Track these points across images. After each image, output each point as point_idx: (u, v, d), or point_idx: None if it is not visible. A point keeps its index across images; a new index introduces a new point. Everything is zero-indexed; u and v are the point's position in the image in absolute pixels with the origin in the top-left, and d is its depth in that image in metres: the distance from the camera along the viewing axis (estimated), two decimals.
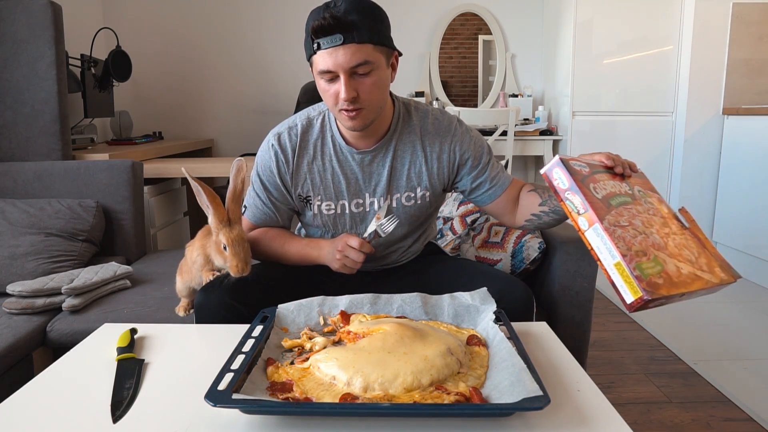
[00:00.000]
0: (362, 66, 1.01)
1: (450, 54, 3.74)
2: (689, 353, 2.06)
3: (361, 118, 1.07)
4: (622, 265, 0.75)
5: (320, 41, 1.00)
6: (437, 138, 1.19)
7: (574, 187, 0.84)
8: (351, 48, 0.99)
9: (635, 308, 0.74)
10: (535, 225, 1.17)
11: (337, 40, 0.99)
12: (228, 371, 0.72)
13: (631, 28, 3.20)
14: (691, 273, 0.79)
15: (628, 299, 0.74)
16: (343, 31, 0.98)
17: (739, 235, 2.99)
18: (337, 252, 1.11)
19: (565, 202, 0.85)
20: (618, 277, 0.75)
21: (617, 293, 0.76)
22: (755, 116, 2.89)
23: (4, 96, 2.02)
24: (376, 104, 1.08)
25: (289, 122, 1.21)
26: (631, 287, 0.74)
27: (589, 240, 0.80)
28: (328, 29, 0.98)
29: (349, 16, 0.98)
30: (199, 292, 1.10)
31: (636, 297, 0.73)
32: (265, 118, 3.65)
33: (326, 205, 1.20)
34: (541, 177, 0.91)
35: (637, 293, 0.73)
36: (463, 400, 0.69)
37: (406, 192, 1.20)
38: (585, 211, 0.81)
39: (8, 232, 1.67)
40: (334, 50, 0.99)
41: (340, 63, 1.00)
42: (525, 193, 1.19)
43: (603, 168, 0.93)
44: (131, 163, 1.94)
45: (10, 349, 1.27)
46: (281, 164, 1.18)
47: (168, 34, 3.58)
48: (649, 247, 0.79)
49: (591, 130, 3.28)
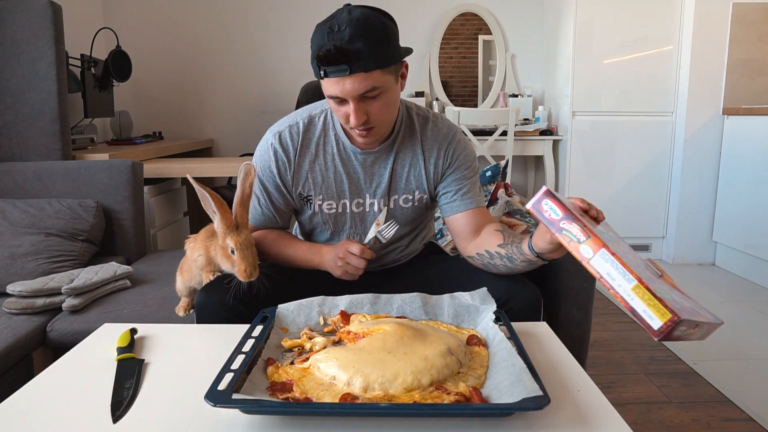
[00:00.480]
0: (371, 91, 1.01)
1: (450, 54, 3.74)
2: (689, 353, 2.06)
3: (373, 135, 1.09)
4: (642, 288, 0.68)
5: (325, 69, 0.98)
6: (435, 144, 1.19)
7: (569, 216, 0.79)
8: (358, 77, 0.98)
9: (664, 334, 0.66)
10: (484, 263, 1.12)
11: (344, 70, 0.97)
12: (228, 371, 0.72)
13: (631, 28, 3.20)
14: (688, 306, 0.72)
15: (655, 325, 0.66)
16: (348, 62, 0.96)
17: (739, 235, 2.99)
18: (338, 259, 1.11)
19: (562, 233, 0.79)
20: (638, 302, 0.68)
21: (639, 321, 0.68)
22: (755, 116, 2.89)
23: (4, 96, 2.02)
24: (388, 122, 1.10)
25: (289, 120, 1.19)
26: (656, 310, 0.66)
27: (597, 268, 0.74)
28: (334, 60, 0.96)
29: (354, 44, 0.95)
30: (200, 292, 1.10)
31: (665, 319, 0.65)
32: (265, 118, 3.65)
33: (327, 204, 1.20)
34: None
35: (666, 315, 0.65)
36: (463, 400, 0.69)
37: (404, 194, 1.20)
38: (587, 238, 0.75)
39: (8, 232, 1.67)
40: (340, 80, 0.98)
41: (347, 91, 0.99)
42: (491, 229, 1.14)
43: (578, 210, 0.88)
44: (131, 163, 1.94)
45: (10, 349, 1.27)
46: (281, 163, 1.18)
47: (168, 34, 3.58)
48: (652, 277, 0.73)
49: (591, 130, 3.28)
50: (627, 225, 3.31)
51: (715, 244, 3.23)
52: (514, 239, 1.06)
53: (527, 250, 1.01)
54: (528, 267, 1.06)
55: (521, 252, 1.03)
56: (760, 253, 2.83)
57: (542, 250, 0.98)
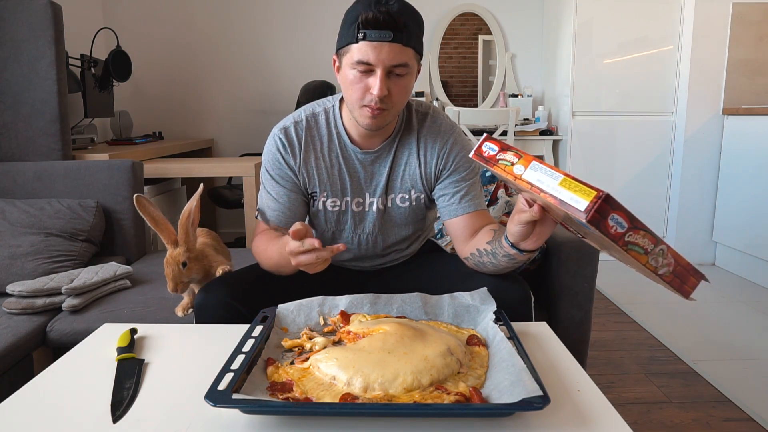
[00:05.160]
0: (401, 67, 1.02)
1: (450, 54, 3.74)
2: (689, 353, 2.06)
3: (381, 118, 1.07)
4: (569, 179, 0.67)
5: (367, 32, 1.00)
6: (431, 142, 1.18)
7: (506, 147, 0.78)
8: (397, 47, 1.01)
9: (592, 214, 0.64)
10: (475, 262, 1.10)
11: (386, 36, 0.99)
12: (228, 371, 0.72)
13: (631, 28, 3.20)
14: None
15: (581, 206, 0.64)
16: (394, 29, 1.00)
17: (739, 235, 2.99)
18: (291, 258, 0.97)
19: (498, 164, 0.78)
20: (566, 193, 0.67)
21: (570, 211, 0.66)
22: (755, 116, 2.89)
23: (4, 96, 2.02)
24: (399, 107, 1.10)
25: (294, 116, 1.19)
26: (582, 192, 0.65)
27: (528, 179, 0.73)
28: (381, 24, 0.99)
29: (402, 17, 1.00)
30: (199, 292, 1.10)
31: (591, 197, 0.64)
32: (265, 118, 3.65)
33: (331, 202, 1.20)
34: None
35: (591, 193, 0.64)
36: (463, 400, 0.69)
37: (400, 193, 1.20)
38: (519, 159, 0.75)
39: (8, 232, 1.67)
40: (380, 44, 1.00)
41: (383, 58, 1.01)
42: (486, 229, 1.12)
43: None
44: (131, 163, 1.94)
45: (10, 349, 1.27)
46: (289, 157, 1.17)
47: (168, 34, 3.58)
48: None
49: (591, 130, 3.28)
50: None
51: (715, 244, 3.23)
52: (502, 232, 1.05)
53: (504, 242, 0.99)
54: (510, 263, 1.03)
55: (501, 246, 1.01)
56: (760, 253, 2.83)
57: (515, 235, 0.95)
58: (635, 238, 0.67)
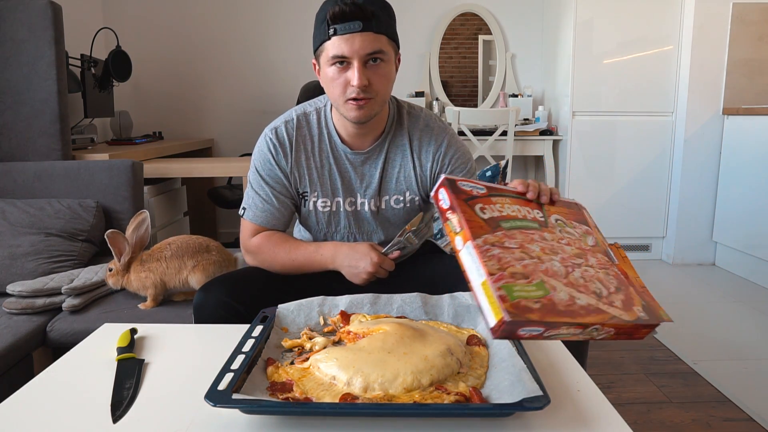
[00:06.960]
0: (377, 54, 1.03)
1: (450, 54, 3.74)
2: (689, 353, 2.06)
3: (368, 108, 1.07)
4: (488, 285, 0.65)
5: (337, 27, 1.01)
6: (425, 144, 1.18)
7: (455, 207, 0.75)
8: (369, 36, 1.01)
9: (499, 333, 0.63)
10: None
11: (355, 26, 1.00)
12: (228, 371, 0.72)
13: (631, 28, 3.20)
14: (590, 305, 0.68)
15: (490, 322, 0.63)
16: (362, 19, 1.00)
17: (739, 235, 2.99)
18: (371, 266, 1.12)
19: (447, 223, 0.76)
20: (483, 298, 0.65)
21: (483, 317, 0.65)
22: (755, 116, 2.89)
23: (4, 96, 2.02)
24: (384, 96, 1.09)
25: (285, 116, 1.20)
26: (494, 308, 0.63)
27: (462, 261, 0.71)
28: (348, 15, 1.00)
29: (369, 6, 1.01)
30: (198, 292, 1.10)
31: (498, 319, 0.62)
32: (265, 118, 3.62)
33: (322, 202, 1.20)
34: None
35: (499, 314, 0.62)
36: (463, 400, 0.69)
37: (395, 195, 1.20)
38: (461, 230, 0.73)
39: (8, 232, 1.67)
40: (351, 36, 1.01)
41: (356, 49, 1.01)
42: None
43: (515, 194, 0.84)
44: (131, 163, 1.94)
45: (10, 349, 1.27)
46: (280, 157, 1.18)
47: (168, 34, 3.58)
48: (537, 272, 0.69)
49: (591, 130, 3.28)
50: (627, 225, 3.31)
51: (715, 244, 3.23)
52: None
53: None
54: None
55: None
56: (760, 253, 2.84)
57: None
58: (557, 334, 0.66)
